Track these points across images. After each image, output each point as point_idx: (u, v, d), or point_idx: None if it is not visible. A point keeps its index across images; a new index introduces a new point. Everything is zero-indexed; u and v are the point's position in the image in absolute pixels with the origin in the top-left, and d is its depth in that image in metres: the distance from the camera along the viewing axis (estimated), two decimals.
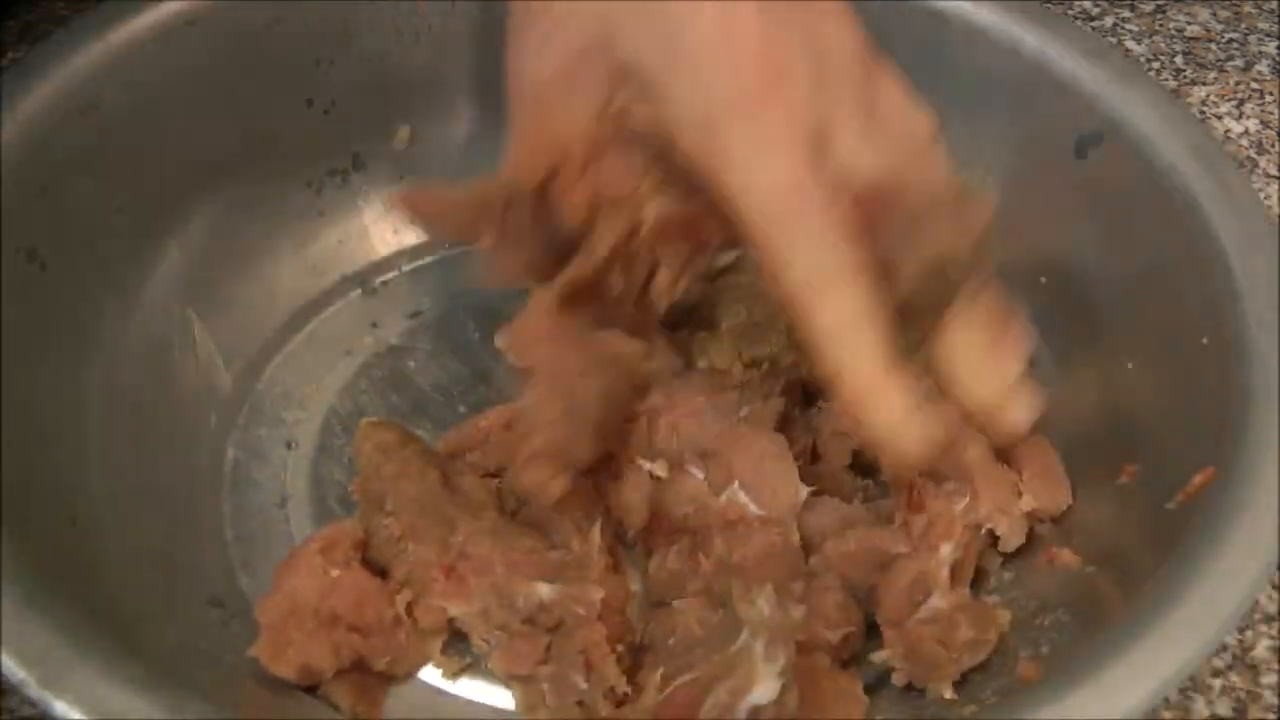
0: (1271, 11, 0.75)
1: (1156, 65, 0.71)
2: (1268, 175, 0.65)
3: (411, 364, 0.55)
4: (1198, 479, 0.41)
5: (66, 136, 0.49)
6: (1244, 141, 0.67)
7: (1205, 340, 0.44)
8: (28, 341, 0.46)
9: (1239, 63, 0.71)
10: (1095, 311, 0.50)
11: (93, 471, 0.47)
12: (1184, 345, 0.45)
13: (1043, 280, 0.52)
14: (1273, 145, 0.67)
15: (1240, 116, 0.68)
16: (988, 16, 0.53)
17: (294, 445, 0.52)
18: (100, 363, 0.49)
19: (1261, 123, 0.68)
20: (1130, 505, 0.45)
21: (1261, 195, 0.64)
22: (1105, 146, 0.50)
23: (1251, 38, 0.73)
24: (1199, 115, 0.68)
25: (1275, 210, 0.63)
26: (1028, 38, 0.53)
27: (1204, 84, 0.70)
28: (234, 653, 0.45)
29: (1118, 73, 0.51)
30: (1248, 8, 0.74)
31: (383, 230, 0.58)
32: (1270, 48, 0.72)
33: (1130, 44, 0.72)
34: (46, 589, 0.39)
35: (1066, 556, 0.45)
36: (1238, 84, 0.69)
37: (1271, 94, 0.69)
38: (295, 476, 0.51)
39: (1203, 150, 0.48)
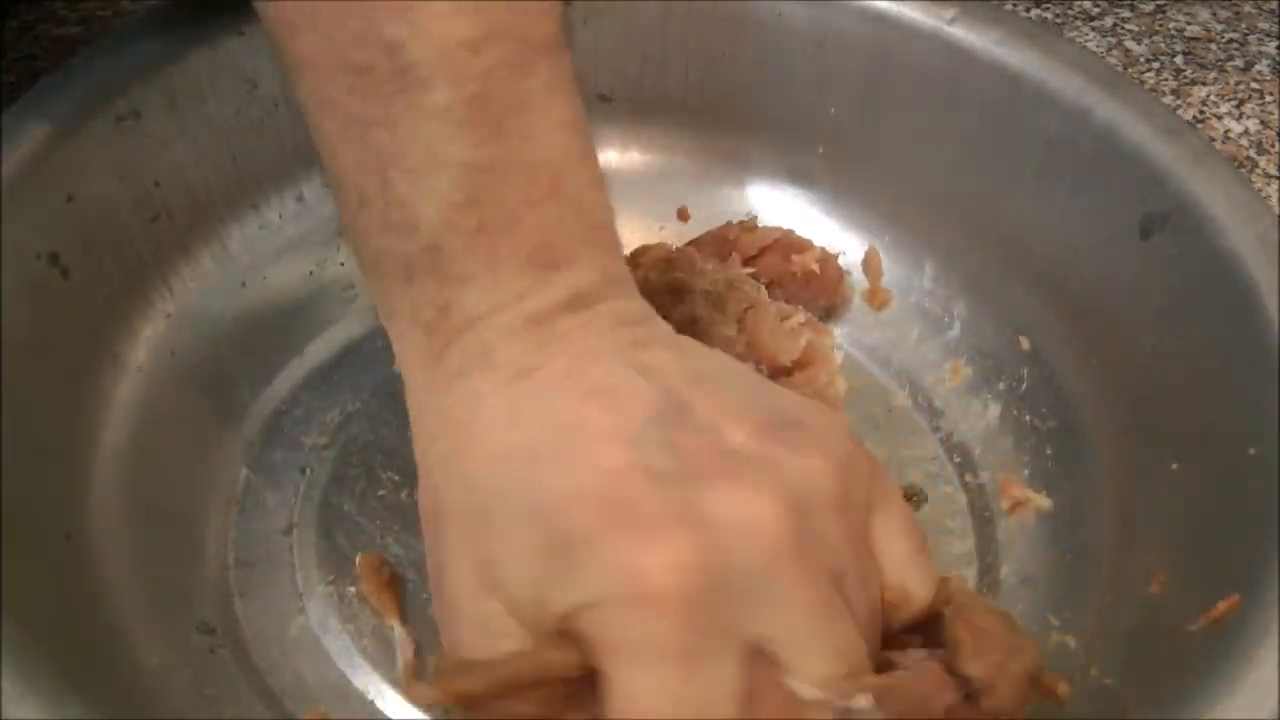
0: (1271, 11, 0.73)
1: (1156, 65, 0.70)
2: (1267, 175, 0.64)
3: None
4: (1222, 605, 0.38)
5: (102, 144, 0.48)
6: (1244, 141, 0.66)
7: (1253, 450, 0.42)
8: (42, 347, 0.46)
9: (1239, 63, 0.70)
10: (1145, 402, 0.47)
11: (96, 485, 0.47)
12: (1231, 452, 0.42)
13: (1093, 362, 0.49)
14: (1273, 145, 0.65)
15: (1240, 116, 0.67)
16: (1059, 81, 0.51)
17: (309, 471, 0.51)
18: (117, 374, 0.49)
19: (1261, 123, 0.67)
20: (1155, 617, 0.42)
21: (1261, 195, 0.61)
22: (1171, 229, 0.47)
23: (1251, 38, 0.72)
24: (1199, 116, 0.66)
25: (1276, 210, 0.61)
26: (1100, 106, 0.50)
27: (1204, 84, 0.69)
28: (218, 684, 0.45)
29: (1190, 152, 0.48)
30: (1248, 8, 0.73)
31: None
32: (1270, 48, 0.71)
33: (1130, 44, 0.71)
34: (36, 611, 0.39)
35: (1052, 682, 0.42)
36: (1238, 84, 0.68)
37: (1271, 94, 0.68)
38: (306, 504, 0.50)
39: (1271, 242, 0.45)
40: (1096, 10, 0.73)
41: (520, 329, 0.38)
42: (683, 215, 0.59)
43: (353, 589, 0.48)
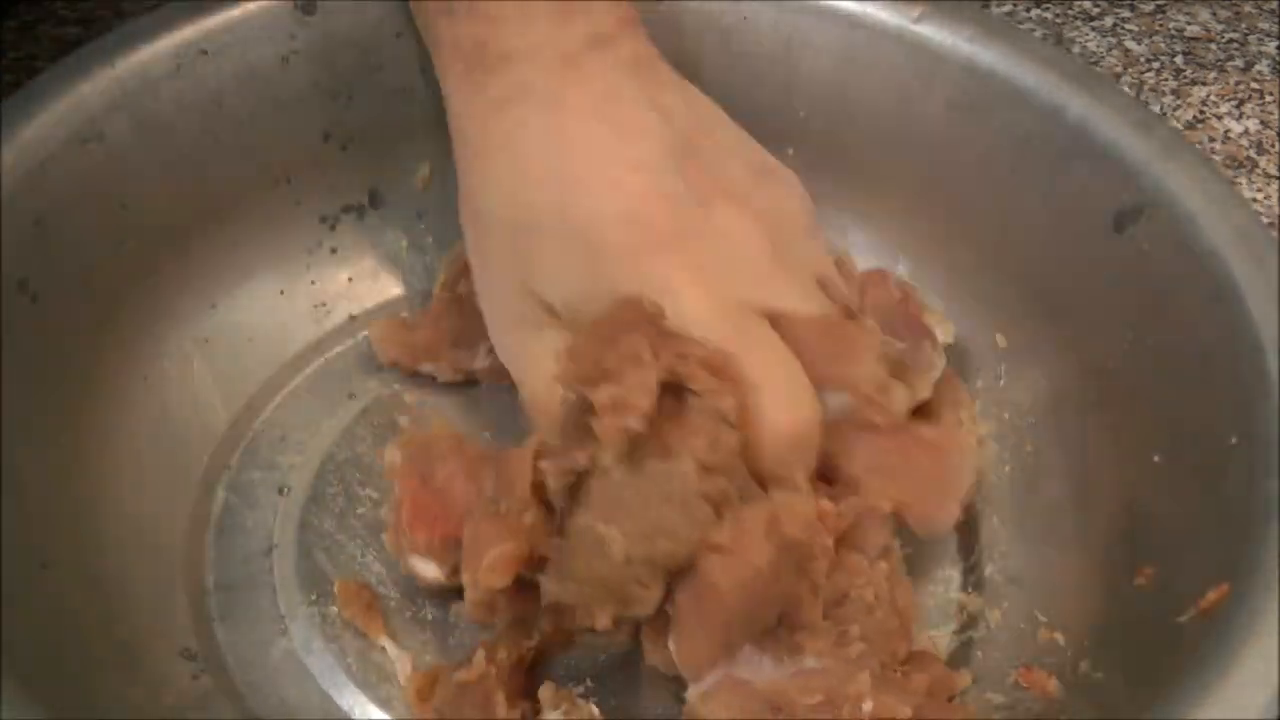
0: (1271, 11, 0.74)
1: (1156, 65, 0.70)
2: (1268, 175, 0.64)
3: (413, 413, 0.53)
4: (1212, 595, 0.38)
5: (67, 167, 0.48)
6: (1244, 141, 0.66)
7: (1234, 439, 0.42)
8: (12, 375, 0.45)
9: (1239, 63, 0.70)
10: (1125, 397, 0.47)
11: (73, 513, 0.46)
12: (1212, 443, 0.42)
13: (1071, 358, 0.49)
14: (1273, 145, 0.66)
15: (1240, 116, 0.67)
16: (1031, 78, 0.51)
17: (286, 491, 0.51)
18: (90, 398, 0.48)
19: (1261, 123, 0.67)
20: (1145, 610, 0.42)
21: (1261, 195, 0.63)
22: (1144, 223, 0.47)
23: (1251, 38, 0.72)
24: (1199, 116, 0.67)
25: (1276, 210, 0.62)
26: (1072, 102, 0.50)
27: (1204, 84, 0.69)
28: (201, 710, 0.44)
29: (1162, 145, 0.48)
30: (1248, 8, 0.74)
31: (396, 270, 0.57)
32: (1270, 48, 0.72)
33: (1130, 44, 0.71)
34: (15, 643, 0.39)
35: (1041, 680, 0.42)
36: (1238, 84, 0.69)
37: (1271, 94, 0.68)
38: (284, 524, 0.50)
39: (1247, 234, 0.45)
40: (1096, 10, 0.73)
41: (554, 66, 0.45)
42: None
43: (335, 609, 0.47)
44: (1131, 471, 0.46)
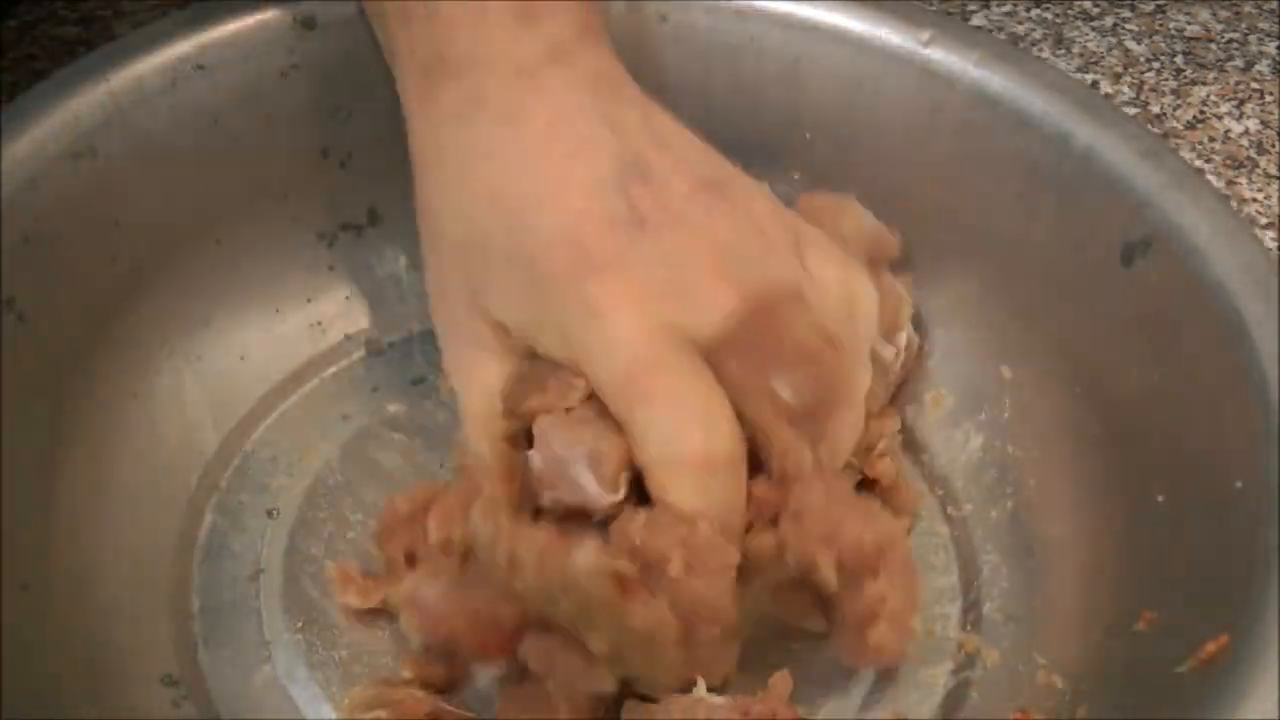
0: (1271, 11, 0.73)
1: (1156, 65, 0.69)
2: (1268, 175, 0.63)
3: (408, 434, 0.52)
4: (1210, 646, 0.37)
5: (58, 183, 0.47)
6: (1244, 141, 0.65)
7: (1240, 484, 0.40)
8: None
9: (1239, 63, 0.70)
10: (1131, 434, 0.46)
11: (56, 532, 0.45)
12: (1217, 486, 0.41)
13: (1076, 392, 0.48)
14: (1273, 145, 0.65)
15: (1240, 116, 0.67)
16: (1039, 104, 0.50)
17: (275, 514, 0.50)
18: (78, 417, 0.48)
19: (1261, 123, 0.66)
20: (1144, 656, 0.41)
21: (1261, 195, 0.62)
22: (1153, 256, 0.46)
23: (1251, 38, 0.72)
24: (1199, 116, 0.66)
25: (1276, 210, 0.61)
26: (1080, 130, 0.49)
27: (1204, 84, 0.68)
28: None
29: (1172, 177, 0.47)
30: (1248, 8, 0.73)
31: (394, 289, 0.56)
32: (1270, 48, 0.71)
33: (1130, 44, 0.71)
34: None
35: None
36: (1238, 84, 0.68)
37: (1271, 94, 0.68)
38: (272, 548, 0.49)
39: (1256, 269, 0.44)
40: (1096, 10, 0.73)
41: (510, 79, 0.44)
42: None
43: (319, 638, 0.46)
44: (1135, 511, 0.45)
